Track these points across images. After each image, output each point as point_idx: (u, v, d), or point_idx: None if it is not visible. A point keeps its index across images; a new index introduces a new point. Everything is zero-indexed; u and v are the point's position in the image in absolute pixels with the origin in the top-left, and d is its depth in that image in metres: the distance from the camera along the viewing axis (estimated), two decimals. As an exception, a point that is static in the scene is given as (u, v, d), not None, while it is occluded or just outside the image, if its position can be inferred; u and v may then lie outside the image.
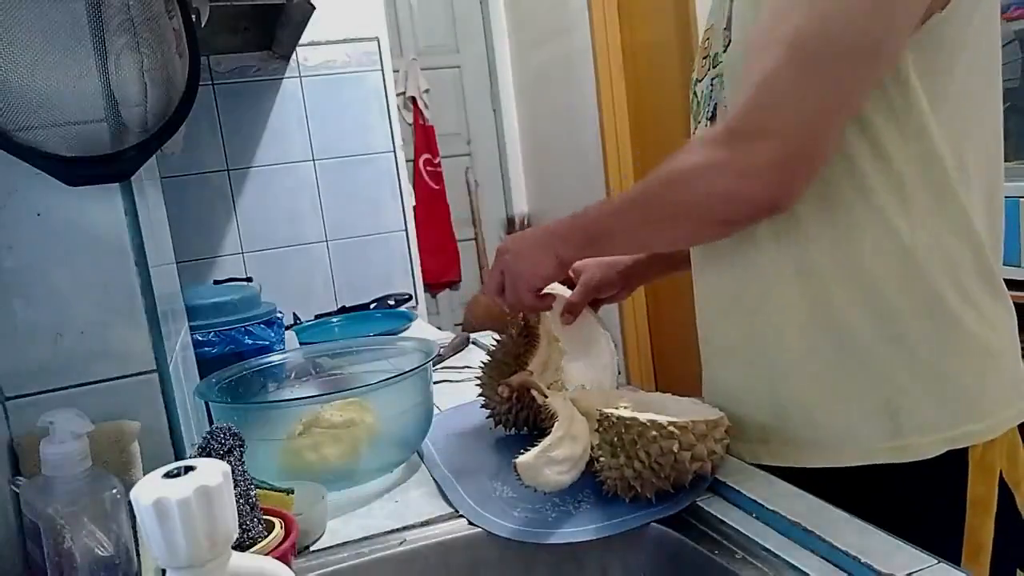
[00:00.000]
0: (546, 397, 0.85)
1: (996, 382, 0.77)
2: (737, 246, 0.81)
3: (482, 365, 1.00)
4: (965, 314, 0.76)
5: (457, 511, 0.80)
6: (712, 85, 0.83)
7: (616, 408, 0.76)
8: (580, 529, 0.73)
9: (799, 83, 0.68)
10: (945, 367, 0.76)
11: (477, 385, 1.00)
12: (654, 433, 0.71)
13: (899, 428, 0.76)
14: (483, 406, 1.00)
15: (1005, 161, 0.79)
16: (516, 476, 0.73)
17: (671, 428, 0.71)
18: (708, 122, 0.85)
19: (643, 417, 0.72)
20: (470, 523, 0.77)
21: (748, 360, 0.84)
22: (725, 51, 0.79)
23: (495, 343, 1.00)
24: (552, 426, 0.79)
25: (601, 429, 0.76)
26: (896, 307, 0.75)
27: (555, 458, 0.76)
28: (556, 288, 1.00)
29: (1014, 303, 0.80)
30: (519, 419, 0.95)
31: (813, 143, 0.69)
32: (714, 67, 0.83)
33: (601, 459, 0.76)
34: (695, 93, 0.89)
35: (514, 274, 0.91)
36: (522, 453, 0.74)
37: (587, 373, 0.98)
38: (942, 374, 0.76)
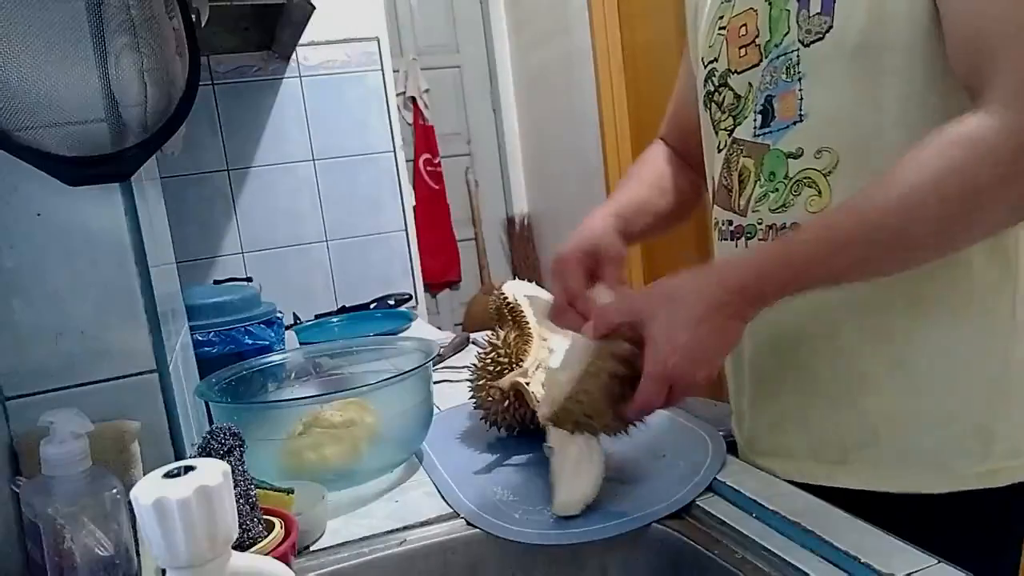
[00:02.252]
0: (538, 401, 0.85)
1: None
2: None
3: (474, 366, 0.99)
4: None
5: (456, 513, 0.80)
6: (769, 76, 0.76)
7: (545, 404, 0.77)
8: (580, 530, 0.73)
9: None
10: None
11: (469, 387, 1.00)
12: (580, 398, 0.71)
13: (989, 452, 0.73)
14: (476, 407, 0.99)
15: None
16: (555, 515, 0.75)
17: (571, 381, 0.71)
18: (759, 117, 0.77)
19: (559, 395, 0.72)
20: (469, 524, 0.77)
21: (830, 378, 0.77)
22: (812, 44, 0.71)
23: (487, 344, 1.00)
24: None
25: (556, 427, 0.77)
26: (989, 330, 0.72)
27: (571, 475, 0.77)
28: (539, 292, 1.00)
29: None
30: (513, 420, 0.95)
31: None
32: (767, 58, 0.76)
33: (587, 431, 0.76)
34: (729, 85, 0.81)
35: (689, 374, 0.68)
36: (553, 489, 0.75)
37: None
38: None
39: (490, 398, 0.94)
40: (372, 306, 2.07)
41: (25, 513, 0.67)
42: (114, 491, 0.66)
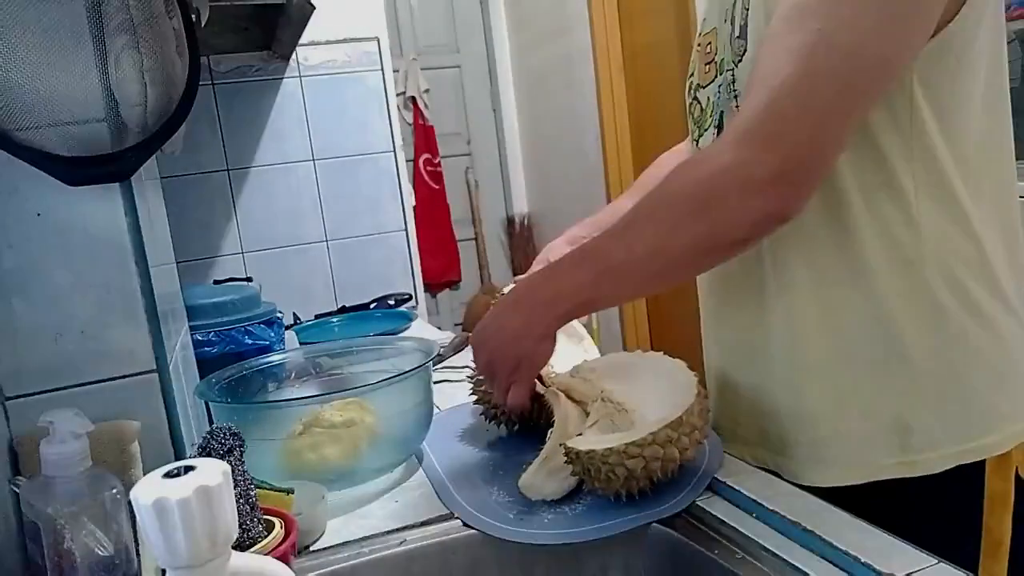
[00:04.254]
0: (546, 387, 0.85)
1: (1005, 397, 0.77)
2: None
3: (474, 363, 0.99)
4: (971, 329, 0.75)
5: (453, 513, 0.80)
6: (720, 93, 0.82)
7: (577, 436, 0.77)
8: (579, 530, 0.73)
9: (811, 94, 0.67)
10: (952, 383, 0.75)
11: (469, 381, 1.00)
12: (615, 459, 0.71)
13: (908, 445, 0.76)
14: (476, 402, 0.99)
15: (1006, 161, 0.78)
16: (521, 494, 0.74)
17: (630, 449, 0.71)
18: (716, 130, 0.83)
19: (601, 448, 0.72)
20: (465, 524, 0.77)
21: (766, 369, 0.83)
22: (740, 62, 0.77)
23: None
24: (549, 425, 0.80)
25: (570, 462, 0.76)
26: (901, 322, 0.75)
27: (555, 467, 0.77)
28: None
29: None
30: (512, 416, 0.95)
31: (820, 153, 0.68)
32: (721, 74, 0.81)
33: (586, 484, 0.77)
34: (697, 99, 0.87)
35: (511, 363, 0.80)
36: (525, 467, 0.75)
37: (570, 358, 0.98)
38: (949, 390, 0.75)
39: (490, 392, 0.94)
40: (372, 306, 2.07)
41: (25, 513, 0.67)
42: (114, 491, 0.66)
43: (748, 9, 0.75)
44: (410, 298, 2.15)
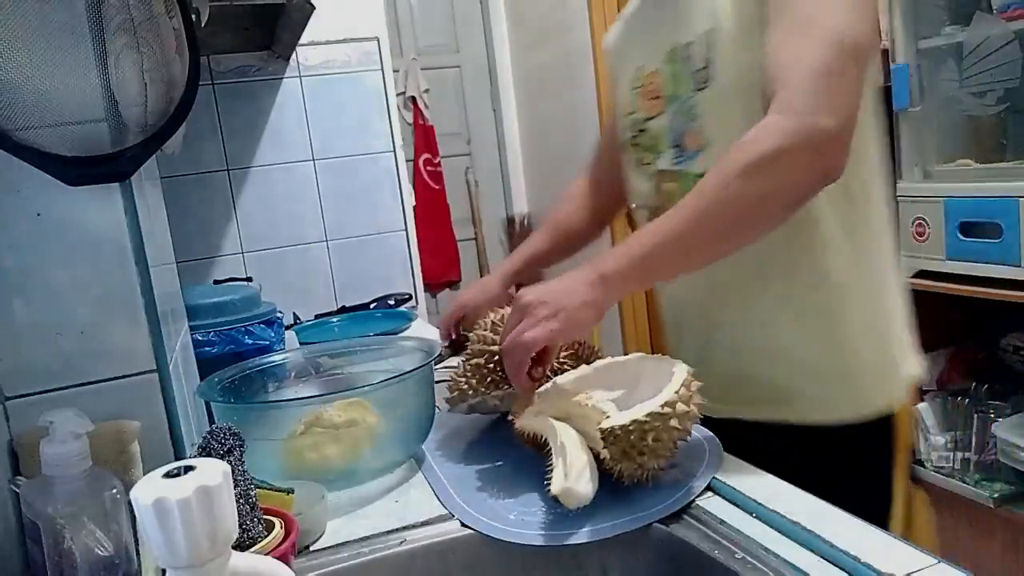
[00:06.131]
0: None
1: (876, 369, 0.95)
2: None
3: (463, 366, 0.96)
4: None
5: (452, 514, 0.80)
6: (674, 119, 0.98)
7: (605, 416, 0.76)
8: (579, 530, 0.73)
9: (845, 73, 0.80)
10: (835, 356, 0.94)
11: (457, 379, 0.96)
12: (657, 424, 0.73)
13: (829, 392, 0.94)
14: (450, 399, 0.96)
15: (1005, 161, 0.81)
16: (557, 505, 0.73)
17: (665, 410, 0.73)
18: (673, 149, 0.99)
19: (640, 414, 0.73)
20: (464, 525, 0.77)
21: (722, 336, 1.00)
22: (701, 91, 0.94)
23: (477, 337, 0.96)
24: (545, 444, 0.79)
25: (609, 443, 0.74)
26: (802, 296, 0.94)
27: (579, 470, 0.74)
28: None
29: (1014, 303, 0.82)
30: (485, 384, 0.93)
31: (855, 119, 0.82)
32: (671, 104, 0.99)
33: (619, 466, 0.75)
34: (644, 130, 1.04)
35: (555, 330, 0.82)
36: (548, 481, 0.73)
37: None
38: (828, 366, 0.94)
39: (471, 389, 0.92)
40: (372, 306, 2.07)
41: (25, 513, 0.67)
42: (114, 491, 0.66)
43: (711, 46, 0.92)
44: (410, 298, 2.15)
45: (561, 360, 0.95)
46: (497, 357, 0.90)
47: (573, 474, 0.73)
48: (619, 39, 1.14)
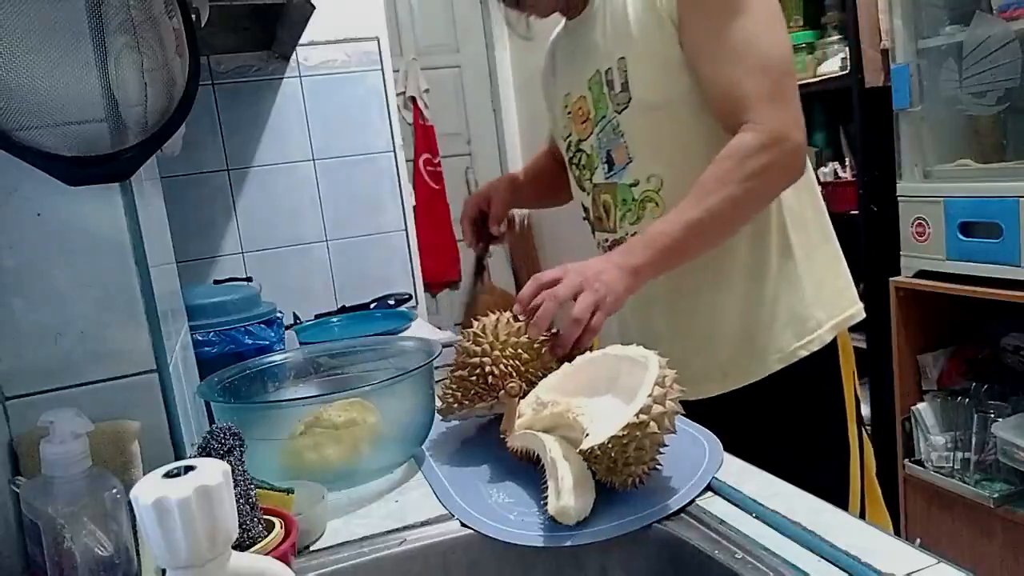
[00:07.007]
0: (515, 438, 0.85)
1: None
2: None
3: (452, 376, 0.96)
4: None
5: (451, 514, 0.80)
6: (602, 137, 1.13)
7: (585, 434, 0.75)
8: (579, 531, 0.73)
9: (788, 89, 0.99)
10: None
11: (451, 389, 0.95)
12: (637, 433, 0.71)
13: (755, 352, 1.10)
14: (440, 410, 0.96)
15: (1005, 161, 0.81)
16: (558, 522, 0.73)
17: (641, 418, 0.71)
18: (605, 165, 1.14)
19: (617, 429, 0.71)
20: (463, 525, 0.77)
21: (669, 322, 1.16)
22: (623, 111, 1.08)
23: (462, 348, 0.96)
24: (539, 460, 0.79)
25: (593, 463, 0.75)
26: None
27: (573, 485, 0.74)
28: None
29: (1014, 303, 0.82)
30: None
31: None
32: (598, 124, 1.13)
33: (609, 479, 0.75)
34: (581, 150, 1.18)
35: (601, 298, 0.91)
36: (545, 498, 0.74)
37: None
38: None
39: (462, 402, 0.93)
40: (372, 306, 2.06)
41: (25, 513, 0.67)
42: (114, 491, 0.66)
43: (626, 71, 1.06)
44: (410, 298, 2.15)
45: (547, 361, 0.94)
46: (479, 369, 0.90)
47: (565, 492, 0.73)
48: (547, 68, 1.32)
